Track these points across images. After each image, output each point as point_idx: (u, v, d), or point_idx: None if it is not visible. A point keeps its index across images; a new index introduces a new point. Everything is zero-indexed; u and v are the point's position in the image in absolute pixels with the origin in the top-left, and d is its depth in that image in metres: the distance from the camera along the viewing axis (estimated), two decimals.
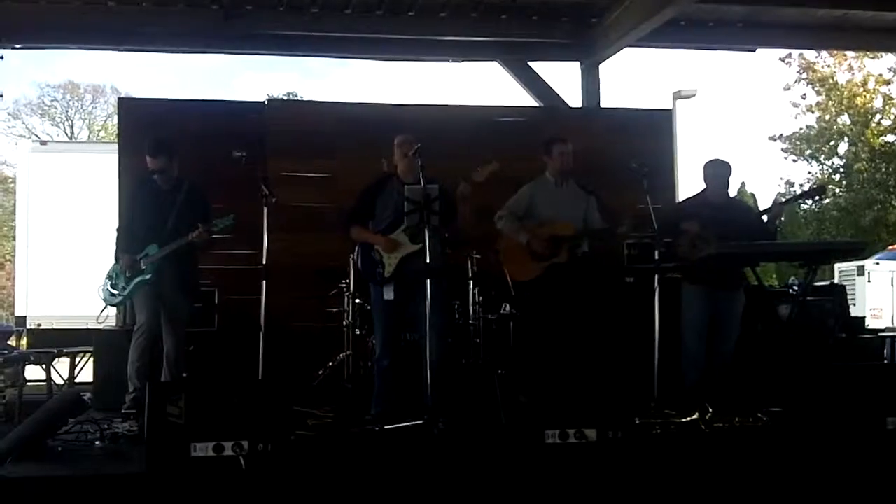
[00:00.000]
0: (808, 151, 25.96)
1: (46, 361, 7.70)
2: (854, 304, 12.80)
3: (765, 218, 6.69)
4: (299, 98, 26.77)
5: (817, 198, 8.98)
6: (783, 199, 6.90)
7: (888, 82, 24.77)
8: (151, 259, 6.30)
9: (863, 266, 15.34)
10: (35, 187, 12.85)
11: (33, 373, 7.75)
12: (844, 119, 25.45)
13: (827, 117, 25.61)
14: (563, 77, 10.62)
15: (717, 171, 6.66)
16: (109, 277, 6.49)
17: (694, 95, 14.79)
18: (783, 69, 25.89)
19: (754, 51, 11.06)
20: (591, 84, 10.23)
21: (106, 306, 6.72)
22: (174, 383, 6.01)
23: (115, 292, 6.44)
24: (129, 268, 6.32)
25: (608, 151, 8.41)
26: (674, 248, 6.38)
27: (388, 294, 6.01)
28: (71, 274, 12.03)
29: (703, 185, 6.71)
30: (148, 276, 6.31)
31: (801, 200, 7.03)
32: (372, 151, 7.66)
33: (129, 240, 6.43)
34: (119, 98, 15.67)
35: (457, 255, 7.18)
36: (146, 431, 4.71)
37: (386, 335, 6.10)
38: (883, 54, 21.66)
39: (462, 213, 6.11)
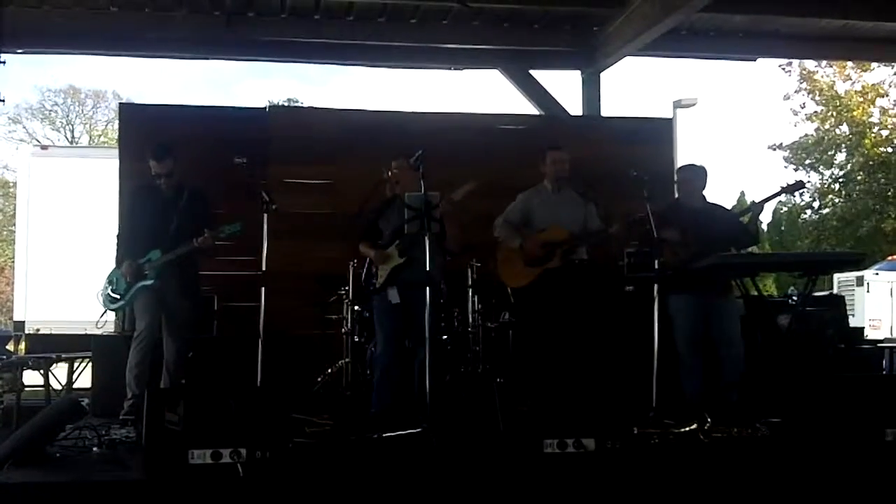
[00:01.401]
0: (808, 162, 25.95)
1: (45, 367, 7.69)
2: (853, 315, 12.79)
3: (744, 219, 6.64)
4: (300, 104, 26.79)
5: (796, 192, 8.87)
6: (762, 198, 6.78)
7: (886, 94, 24.78)
8: (155, 264, 6.27)
9: (862, 276, 15.37)
10: (35, 192, 12.88)
11: (31, 378, 7.74)
12: (843, 129, 25.45)
13: (826, 126, 25.60)
14: (564, 85, 10.66)
15: (689, 176, 6.68)
16: (110, 282, 6.43)
17: (694, 104, 14.80)
18: (783, 78, 25.92)
19: (755, 60, 11.11)
20: (591, 93, 10.26)
21: (105, 311, 6.67)
22: (172, 390, 6.01)
23: (117, 297, 6.39)
24: (132, 273, 6.30)
25: (609, 160, 8.41)
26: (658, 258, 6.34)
27: (394, 298, 6.12)
28: (70, 279, 12.03)
29: (676, 193, 6.77)
30: (151, 282, 6.28)
31: (779, 196, 7.00)
32: (373, 158, 7.65)
33: (131, 244, 6.40)
34: (120, 103, 15.64)
35: (456, 262, 7.19)
36: (144, 438, 4.71)
37: (390, 337, 6.18)
38: (882, 64, 21.70)
39: (449, 230, 6.17)
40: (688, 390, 6.31)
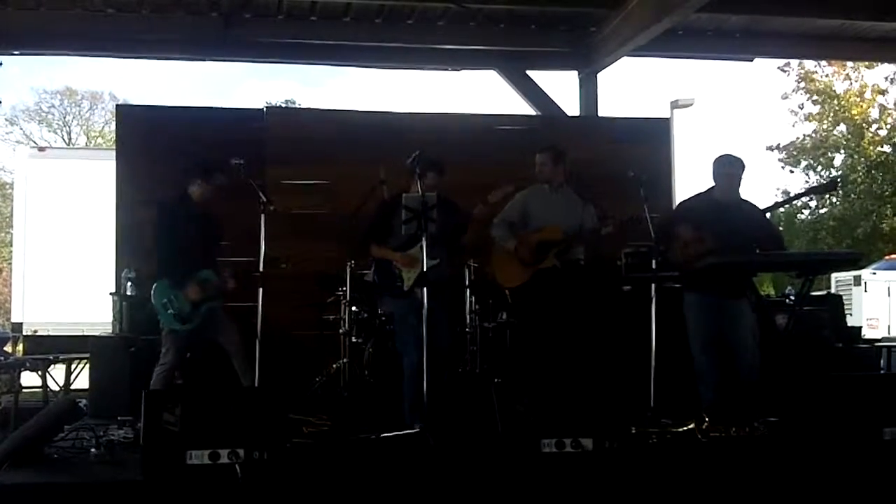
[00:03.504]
0: (805, 163, 25.98)
1: (42, 368, 7.69)
2: (850, 314, 12.80)
3: (769, 215, 6.43)
4: (298, 106, 26.75)
5: (830, 192, 8.80)
6: (785, 197, 6.64)
7: (884, 92, 24.83)
8: (213, 285, 6.18)
9: (859, 276, 15.36)
10: (32, 193, 12.86)
11: (29, 379, 7.73)
12: (841, 129, 25.48)
13: (825, 126, 25.65)
14: (562, 86, 10.67)
15: (726, 168, 6.32)
16: (169, 301, 6.12)
17: (691, 105, 14.79)
18: (781, 79, 25.92)
19: (752, 60, 11.10)
20: (589, 93, 10.27)
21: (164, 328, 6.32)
22: (170, 391, 6.00)
23: (185, 317, 6.12)
24: (198, 293, 6.13)
25: (606, 160, 8.42)
26: (668, 255, 6.28)
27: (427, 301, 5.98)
28: (68, 280, 12.05)
29: (712, 183, 6.39)
30: (218, 301, 6.23)
31: (813, 195, 6.92)
32: (370, 159, 7.69)
33: (181, 262, 6.19)
34: (117, 105, 15.62)
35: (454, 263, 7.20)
36: (142, 439, 4.70)
37: (420, 339, 5.94)
38: (880, 64, 21.73)
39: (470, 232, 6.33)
40: (702, 392, 6.20)
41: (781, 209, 26.67)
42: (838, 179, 23.55)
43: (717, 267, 6.06)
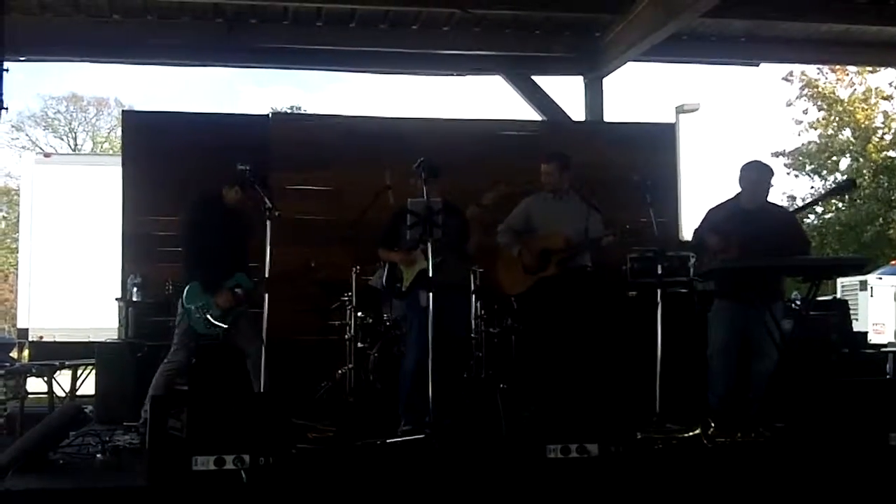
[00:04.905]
0: (810, 167, 25.95)
1: (48, 374, 7.69)
2: (857, 319, 12.76)
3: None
4: (303, 111, 26.79)
5: (847, 193, 8.68)
6: (813, 198, 6.57)
7: (889, 97, 24.80)
8: (245, 290, 6.15)
9: (865, 281, 15.30)
10: (38, 199, 12.89)
11: (35, 385, 7.74)
12: (846, 134, 25.46)
13: (829, 132, 25.62)
14: (567, 91, 10.67)
15: (753, 175, 6.24)
16: (202, 305, 6.07)
17: (697, 109, 14.76)
18: (786, 87, 25.81)
19: (757, 65, 11.11)
20: (594, 98, 10.27)
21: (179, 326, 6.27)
22: (176, 396, 5.98)
23: (216, 322, 6.06)
24: (229, 300, 6.10)
25: (611, 165, 8.42)
26: (701, 264, 6.31)
27: (423, 300, 5.97)
28: (73, 286, 12.07)
29: (739, 189, 6.32)
30: (246, 307, 6.18)
31: (830, 197, 6.83)
32: (375, 164, 7.71)
33: (217, 269, 6.16)
34: (123, 111, 15.72)
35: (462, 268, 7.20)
36: (147, 444, 4.71)
37: (422, 341, 5.98)
38: (885, 69, 21.70)
39: (472, 234, 6.36)
40: (710, 398, 6.19)
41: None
42: (855, 179, 23.32)
43: (725, 272, 6.05)
